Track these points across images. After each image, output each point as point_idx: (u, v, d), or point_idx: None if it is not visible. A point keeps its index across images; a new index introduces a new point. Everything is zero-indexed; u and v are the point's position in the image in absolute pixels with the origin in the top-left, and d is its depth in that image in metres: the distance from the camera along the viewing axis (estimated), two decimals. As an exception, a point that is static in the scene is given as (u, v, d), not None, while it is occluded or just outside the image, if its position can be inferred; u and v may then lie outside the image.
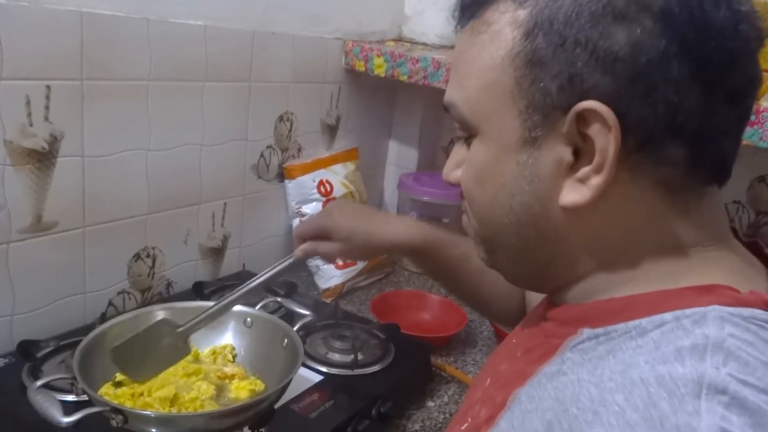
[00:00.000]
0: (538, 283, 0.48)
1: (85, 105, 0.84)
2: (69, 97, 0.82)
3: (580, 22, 0.37)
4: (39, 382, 0.59)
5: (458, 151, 0.49)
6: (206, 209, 1.07)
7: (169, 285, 1.04)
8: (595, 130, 0.38)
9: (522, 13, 0.40)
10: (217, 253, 1.12)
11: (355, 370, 0.86)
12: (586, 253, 0.42)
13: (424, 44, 1.37)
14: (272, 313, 0.85)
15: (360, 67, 1.25)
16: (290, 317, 0.87)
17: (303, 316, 0.81)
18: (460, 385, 0.97)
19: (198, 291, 1.01)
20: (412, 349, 0.94)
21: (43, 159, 0.81)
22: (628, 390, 0.33)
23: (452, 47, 1.35)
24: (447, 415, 0.90)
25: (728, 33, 0.36)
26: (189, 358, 0.74)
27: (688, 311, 0.36)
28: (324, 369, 0.86)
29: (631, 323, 0.38)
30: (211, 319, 0.70)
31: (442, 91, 1.27)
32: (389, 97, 1.44)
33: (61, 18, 0.79)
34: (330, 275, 1.20)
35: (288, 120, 1.18)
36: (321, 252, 0.76)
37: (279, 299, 0.83)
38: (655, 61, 0.36)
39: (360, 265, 1.23)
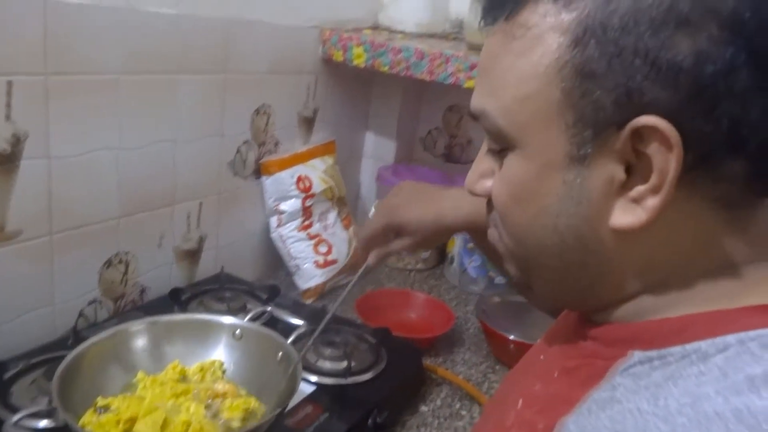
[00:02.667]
0: (577, 304, 0.45)
1: (51, 102, 0.77)
2: (33, 94, 0.75)
3: (639, 29, 0.34)
4: (15, 417, 0.54)
5: (483, 161, 0.46)
6: (181, 210, 1.01)
7: (143, 291, 0.98)
8: (653, 149, 0.35)
9: (567, 18, 0.37)
10: (192, 255, 1.06)
11: (348, 379, 0.82)
12: (635, 274, 0.40)
13: (402, 32, 1.33)
14: (257, 320, 0.80)
15: (338, 57, 1.20)
16: (275, 324, 0.83)
17: (296, 326, 0.77)
18: (451, 386, 0.95)
19: (175, 298, 0.95)
20: (403, 352, 0.91)
21: (5, 162, 0.74)
22: (704, 427, 0.31)
23: (431, 35, 1.32)
24: (441, 419, 0.88)
25: None
26: (176, 377, 0.69)
27: (752, 333, 0.34)
28: (315, 379, 0.82)
29: (689, 346, 0.35)
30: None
31: (420, 82, 1.25)
32: (366, 87, 1.40)
33: (22, 6, 0.72)
34: (310, 275, 1.16)
35: (265, 113, 1.13)
36: (393, 252, 0.70)
37: (269, 308, 0.79)
38: (720, 73, 0.33)
39: (340, 263, 1.20)
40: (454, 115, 1.40)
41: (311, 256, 1.17)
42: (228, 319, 0.72)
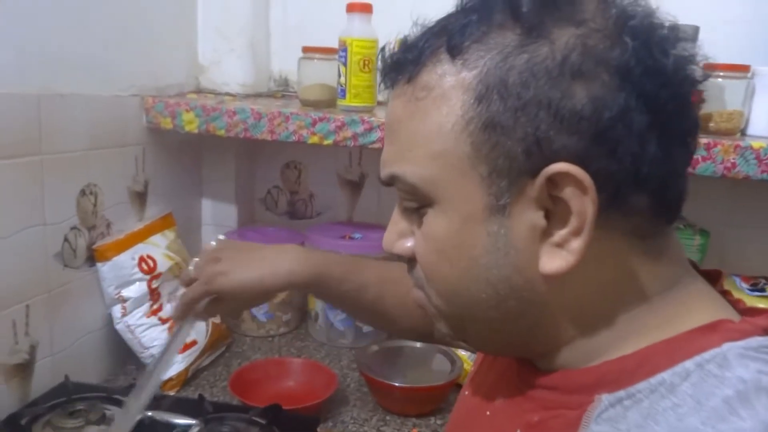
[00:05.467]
0: (516, 351, 0.45)
1: None
2: None
3: (538, 82, 0.36)
4: None
5: (399, 221, 0.46)
6: (3, 319, 0.85)
7: (-34, 427, 0.80)
8: (568, 193, 0.37)
9: (468, 76, 0.38)
10: (24, 369, 0.89)
11: (249, 471, 0.75)
12: (570, 316, 0.41)
13: (227, 94, 1.29)
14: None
15: (166, 124, 1.12)
16: (155, 429, 0.73)
17: (186, 427, 0.68)
18: (349, 449, 0.91)
19: (13, 426, 0.79)
20: (297, 426, 0.86)
21: None
22: None
23: (257, 95, 1.30)
24: (348, 487, 0.83)
25: (677, 79, 0.38)
26: None
27: (706, 355, 0.36)
28: (212, 480, 0.74)
29: (653, 379, 0.37)
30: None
31: (251, 142, 1.22)
32: (195, 153, 1.32)
33: None
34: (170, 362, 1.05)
35: (91, 193, 1.01)
36: (219, 313, 0.72)
37: (150, 413, 0.68)
38: (617, 116, 0.36)
39: (201, 344, 1.09)
40: (292, 171, 1.39)
41: (167, 342, 1.05)
42: (109, 438, 0.62)
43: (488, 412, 0.48)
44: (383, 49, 0.44)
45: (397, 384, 0.98)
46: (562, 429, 0.40)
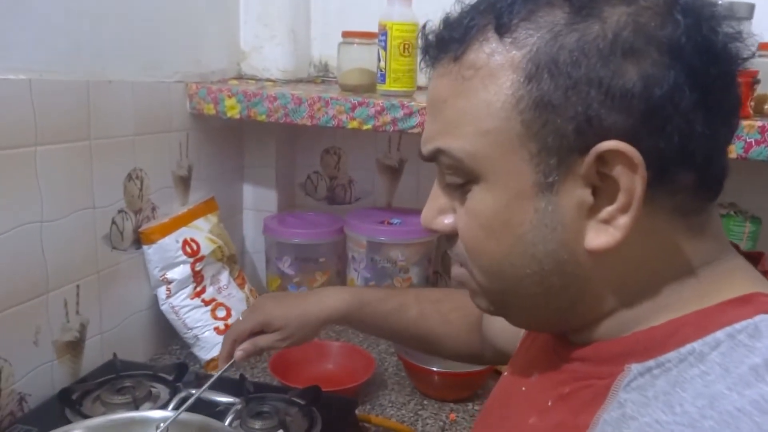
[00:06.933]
0: (557, 325, 0.46)
1: None
2: None
3: (589, 61, 0.36)
4: None
5: (438, 196, 0.46)
6: (56, 298, 0.88)
7: (22, 400, 0.84)
8: (618, 171, 0.37)
9: (517, 55, 0.38)
10: (75, 346, 0.93)
11: (288, 449, 0.76)
12: (612, 291, 0.41)
13: (268, 80, 1.30)
14: (181, 407, 0.72)
15: (209, 110, 1.14)
16: (197, 407, 0.74)
17: (227, 404, 0.69)
18: (387, 432, 0.92)
19: (65, 400, 0.82)
20: (335, 408, 0.86)
21: None
22: (733, 425, 0.32)
23: (297, 81, 1.31)
24: (385, 469, 0.84)
25: (725, 57, 0.38)
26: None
27: (738, 326, 0.36)
28: (252, 457, 0.75)
29: (683, 349, 0.37)
30: None
31: (292, 127, 1.23)
32: (237, 138, 1.35)
33: None
34: (212, 343, 1.07)
35: (137, 177, 1.03)
36: (262, 346, 0.74)
37: (192, 390, 0.70)
38: (666, 94, 0.36)
39: (242, 325, 1.12)
40: (331, 157, 1.40)
41: (210, 323, 1.08)
42: (158, 413, 0.64)
43: (524, 388, 0.49)
44: (424, 26, 0.44)
45: (435, 369, 0.98)
46: (591, 398, 0.40)
